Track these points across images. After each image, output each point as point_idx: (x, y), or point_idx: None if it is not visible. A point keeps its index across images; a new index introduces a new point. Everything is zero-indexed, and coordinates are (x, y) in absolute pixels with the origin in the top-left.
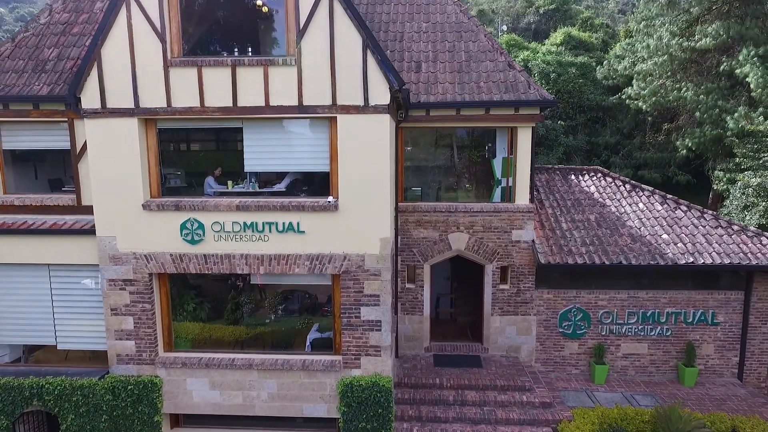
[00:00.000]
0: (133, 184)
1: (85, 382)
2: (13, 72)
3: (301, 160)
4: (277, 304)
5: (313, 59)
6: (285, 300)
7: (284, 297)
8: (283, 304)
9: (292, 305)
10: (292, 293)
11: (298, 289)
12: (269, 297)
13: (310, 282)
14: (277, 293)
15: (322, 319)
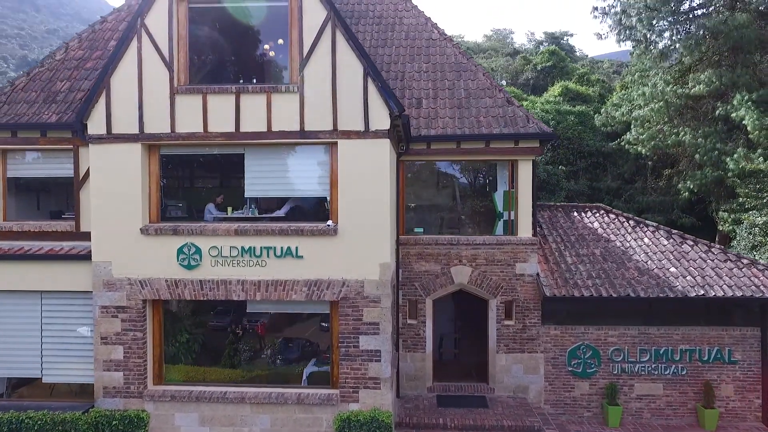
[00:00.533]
0: (133, 209)
1: (68, 417)
2: (24, 102)
3: (300, 185)
4: (273, 336)
5: (316, 86)
6: (280, 330)
7: (279, 328)
8: (279, 335)
9: (288, 341)
10: (288, 325)
11: (294, 319)
12: (266, 332)
13: (306, 310)
14: (272, 325)
15: (318, 354)
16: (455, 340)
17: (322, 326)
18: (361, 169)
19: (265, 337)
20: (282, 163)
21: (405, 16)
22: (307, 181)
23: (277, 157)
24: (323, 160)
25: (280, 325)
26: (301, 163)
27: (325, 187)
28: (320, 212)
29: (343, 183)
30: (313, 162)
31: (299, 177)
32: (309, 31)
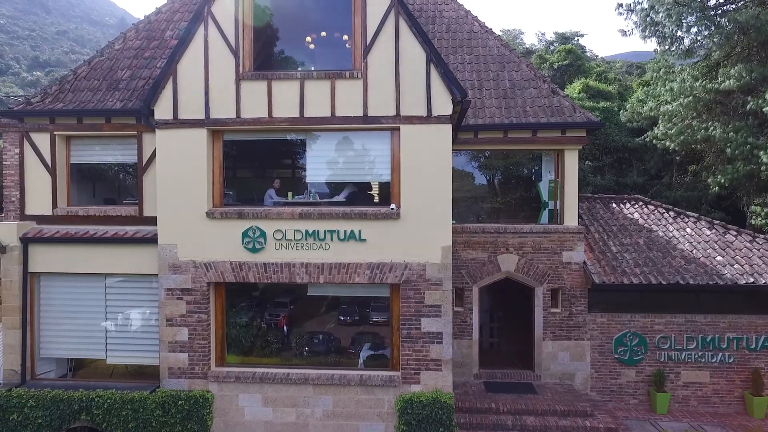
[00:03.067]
0: (198, 193)
1: (136, 396)
2: (88, 90)
3: (361, 170)
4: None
5: (379, 72)
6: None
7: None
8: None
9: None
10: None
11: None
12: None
13: (367, 293)
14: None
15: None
16: (492, 329)
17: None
18: (423, 154)
19: (293, 326)
20: (343, 148)
21: (445, 9)
22: (368, 166)
23: (339, 143)
24: (384, 145)
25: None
26: (363, 148)
27: (385, 172)
28: (380, 197)
29: (405, 167)
30: (374, 147)
31: (360, 162)
32: (372, 18)
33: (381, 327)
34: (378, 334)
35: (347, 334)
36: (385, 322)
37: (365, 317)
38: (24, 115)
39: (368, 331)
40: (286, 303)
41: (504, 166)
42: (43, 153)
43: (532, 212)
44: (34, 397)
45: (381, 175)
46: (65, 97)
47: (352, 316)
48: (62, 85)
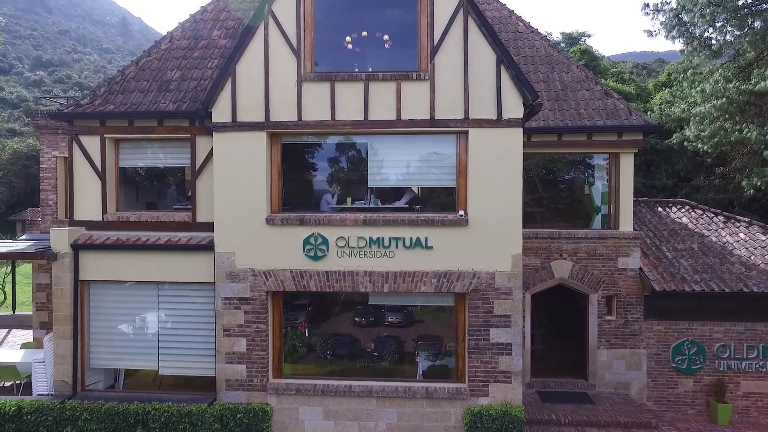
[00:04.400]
0: (257, 199)
1: (194, 409)
2: (138, 92)
3: (425, 175)
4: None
5: (446, 74)
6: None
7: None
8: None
9: (360, 321)
10: (360, 309)
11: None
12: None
13: (428, 302)
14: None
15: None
16: (546, 335)
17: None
18: (493, 159)
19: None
20: (407, 152)
21: (487, 8)
22: (433, 171)
23: (403, 147)
24: (450, 149)
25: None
26: (427, 152)
27: (451, 177)
28: (443, 202)
29: (473, 172)
30: (439, 151)
31: (424, 166)
32: (440, 17)
33: (397, 329)
34: (398, 337)
35: (365, 335)
36: (400, 323)
37: (380, 318)
38: (73, 118)
39: (389, 333)
40: (305, 305)
41: (555, 169)
42: (93, 156)
43: (583, 217)
44: (88, 410)
45: (445, 180)
46: (115, 99)
47: (367, 317)
48: (110, 86)
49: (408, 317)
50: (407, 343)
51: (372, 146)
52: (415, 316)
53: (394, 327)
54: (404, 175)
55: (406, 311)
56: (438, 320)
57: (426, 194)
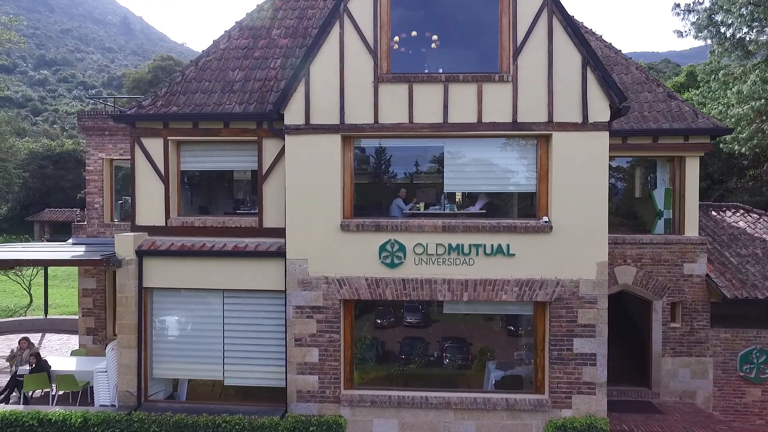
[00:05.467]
0: (330, 204)
1: (266, 422)
2: (200, 92)
3: (503, 180)
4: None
5: (529, 76)
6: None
7: None
8: None
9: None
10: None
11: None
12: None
13: (506, 311)
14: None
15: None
16: None
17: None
18: (577, 163)
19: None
20: (485, 156)
21: None
22: (511, 176)
23: (480, 150)
24: (530, 153)
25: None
26: (506, 156)
27: (531, 182)
28: (519, 208)
29: (556, 177)
30: (518, 155)
31: (502, 171)
32: (523, 17)
33: (417, 329)
34: (423, 339)
35: (388, 337)
36: (419, 324)
37: (400, 319)
38: (136, 119)
39: (413, 335)
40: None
41: (616, 173)
42: (155, 159)
43: (644, 222)
44: (156, 422)
45: (524, 186)
46: (177, 100)
47: (388, 318)
48: (171, 86)
49: (425, 318)
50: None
51: (448, 150)
52: (432, 317)
53: (414, 327)
54: (481, 180)
55: (424, 311)
56: (455, 320)
57: (500, 199)
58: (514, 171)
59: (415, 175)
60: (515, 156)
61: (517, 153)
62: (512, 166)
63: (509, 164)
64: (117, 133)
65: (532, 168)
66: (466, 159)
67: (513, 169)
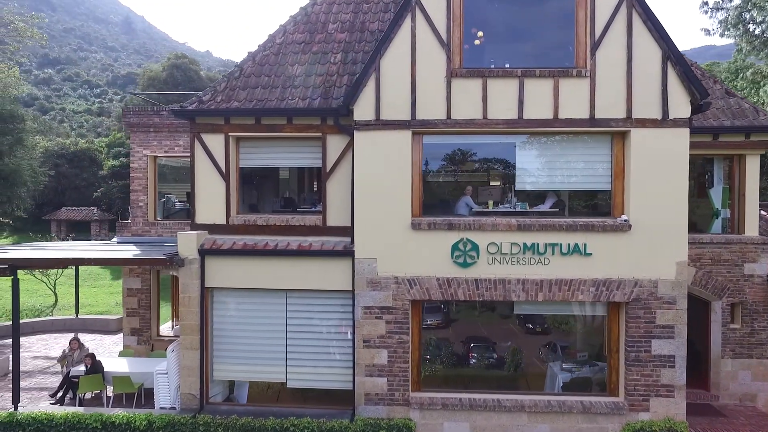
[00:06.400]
0: (400, 202)
1: (336, 425)
2: (260, 87)
3: (577, 177)
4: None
5: (608, 71)
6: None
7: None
8: None
9: None
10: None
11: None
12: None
13: (579, 312)
14: None
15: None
16: None
17: (528, 328)
18: (656, 160)
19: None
20: (558, 153)
21: None
22: (585, 173)
23: (554, 147)
24: (605, 150)
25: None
26: (580, 153)
27: (605, 180)
28: (590, 206)
29: (635, 175)
30: (593, 152)
31: (576, 168)
32: (601, 11)
33: (436, 330)
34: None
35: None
36: (440, 324)
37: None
38: (197, 115)
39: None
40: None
41: None
42: (216, 156)
43: (701, 221)
44: (222, 425)
45: (598, 183)
46: (237, 95)
47: (436, 318)
48: (229, 81)
49: (445, 317)
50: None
51: (521, 146)
52: (451, 315)
53: (433, 329)
54: (554, 177)
55: (445, 311)
56: (473, 319)
57: (570, 197)
58: (588, 168)
59: (489, 172)
60: (589, 153)
61: (591, 150)
62: (586, 164)
63: (583, 161)
64: (162, 130)
65: (607, 165)
66: (538, 156)
67: (587, 166)
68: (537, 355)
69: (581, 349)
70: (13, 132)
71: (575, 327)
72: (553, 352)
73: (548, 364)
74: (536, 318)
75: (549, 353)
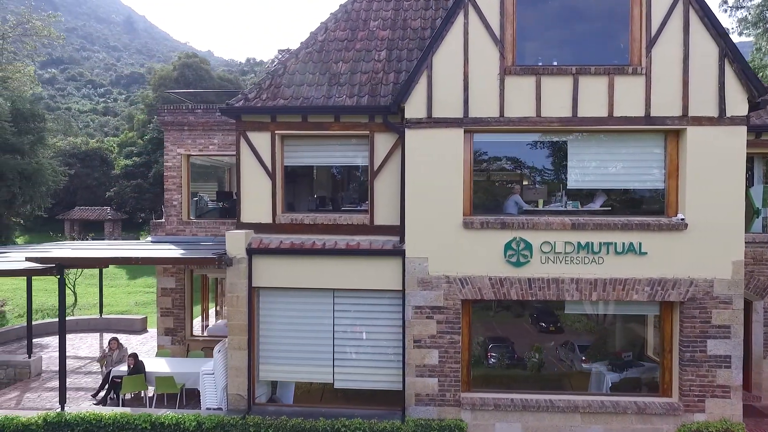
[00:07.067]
0: (452, 201)
1: (387, 426)
2: (306, 85)
3: (630, 176)
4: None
5: (663, 68)
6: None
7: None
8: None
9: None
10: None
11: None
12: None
13: (630, 311)
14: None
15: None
16: None
17: (541, 327)
18: (713, 159)
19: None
20: (611, 151)
21: None
22: (638, 172)
23: (607, 145)
24: (659, 148)
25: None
26: (633, 151)
27: (659, 178)
28: (641, 204)
29: (690, 173)
30: (646, 150)
31: (629, 167)
32: (657, 8)
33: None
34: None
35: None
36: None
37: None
38: (243, 113)
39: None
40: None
41: None
42: (262, 154)
43: None
44: (272, 426)
45: (651, 182)
46: (283, 93)
47: None
48: (274, 79)
49: None
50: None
51: (573, 144)
52: None
53: None
54: (606, 176)
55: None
56: (487, 319)
57: (617, 196)
58: (641, 167)
59: (538, 170)
60: (642, 151)
61: (644, 148)
62: (638, 162)
63: (636, 160)
64: (196, 129)
65: (661, 164)
66: (590, 154)
67: (639, 164)
68: (554, 354)
69: (600, 348)
70: (34, 131)
71: (588, 325)
72: (571, 351)
73: (592, 364)
74: (549, 317)
75: (567, 352)
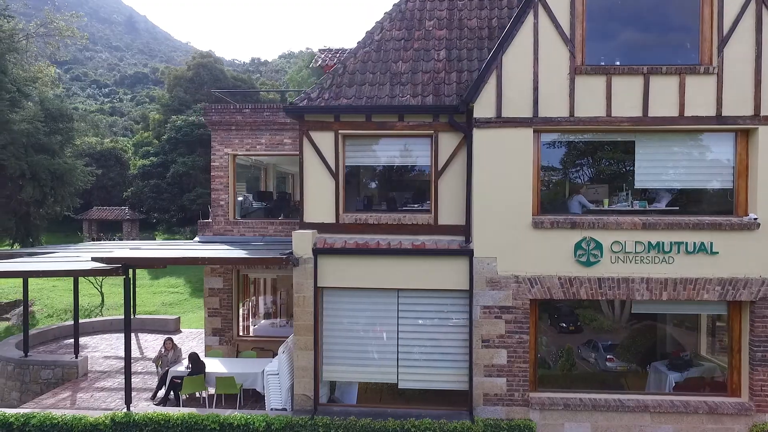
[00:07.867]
0: (521, 200)
1: (457, 426)
2: (367, 84)
3: (698, 175)
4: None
5: (735, 68)
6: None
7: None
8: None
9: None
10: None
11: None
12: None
13: (694, 310)
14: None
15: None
16: None
17: (561, 327)
18: None
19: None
20: (680, 151)
21: None
22: (707, 171)
23: (675, 145)
24: (728, 147)
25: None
26: (701, 151)
27: (727, 178)
28: (707, 203)
29: (762, 173)
30: (715, 150)
31: (697, 166)
32: (729, 8)
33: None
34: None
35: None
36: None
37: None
38: (306, 112)
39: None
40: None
41: None
42: (325, 154)
43: None
44: (341, 427)
45: (721, 181)
46: (345, 92)
47: None
48: (335, 78)
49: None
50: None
51: (641, 144)
52: None
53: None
54: (674, 175)
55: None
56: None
57: (685, 196)
58: (710, 166)
59: (604, 170)
60: (711, 151)
61: (713, 147)
62: (707, 162)
63: (704, 159)
64: (244, 128)
65: (730, 163)
66: (658, 153)
67: (708, 164)
68: (576, 353)
69: (621, 348)
70: (63, 131)
71: (605, 324)
72: (595, 351)
73: (653, 363)
74: (569, 317)
75: (590, 351)
